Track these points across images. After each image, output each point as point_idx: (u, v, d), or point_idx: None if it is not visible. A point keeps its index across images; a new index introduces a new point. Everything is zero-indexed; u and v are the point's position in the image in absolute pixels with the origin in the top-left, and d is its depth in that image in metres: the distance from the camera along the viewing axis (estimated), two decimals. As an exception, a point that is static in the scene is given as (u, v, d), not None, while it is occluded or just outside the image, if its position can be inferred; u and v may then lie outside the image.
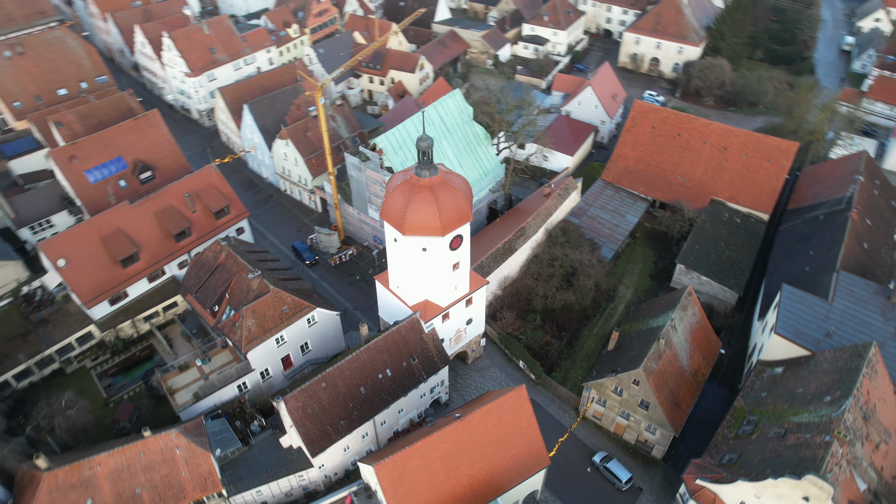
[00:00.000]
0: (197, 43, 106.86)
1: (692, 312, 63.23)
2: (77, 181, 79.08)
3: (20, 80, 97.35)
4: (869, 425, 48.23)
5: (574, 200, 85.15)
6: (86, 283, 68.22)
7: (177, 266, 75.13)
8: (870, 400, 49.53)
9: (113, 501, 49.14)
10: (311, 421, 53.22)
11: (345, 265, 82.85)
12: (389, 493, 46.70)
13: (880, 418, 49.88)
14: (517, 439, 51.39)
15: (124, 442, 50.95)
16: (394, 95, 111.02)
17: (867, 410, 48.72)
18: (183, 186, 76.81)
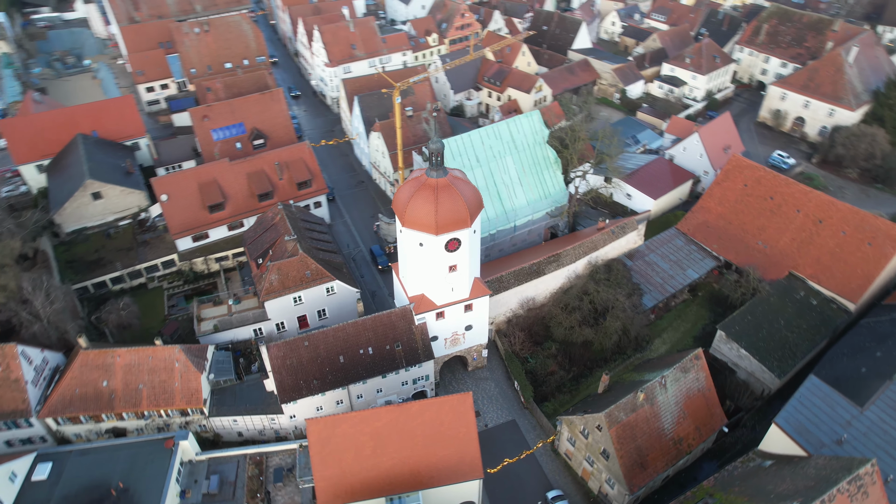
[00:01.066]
0: (341, 38, 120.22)
1: (695, 378, 58.71)
2: (204, 136, 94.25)
3: (200, 52, 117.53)
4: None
5: (633, 241, 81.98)
6: (178, 219, 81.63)
7: (254, 221, 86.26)
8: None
9: (121, 388, 59.53)
10: (288, 372, 59.29)
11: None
12: (315, 449, 50.90)
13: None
14: (452, 442, 52.53)
15: (140, 345, 61.31)
16: (505, 112, 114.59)
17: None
18: (276, 156, 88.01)
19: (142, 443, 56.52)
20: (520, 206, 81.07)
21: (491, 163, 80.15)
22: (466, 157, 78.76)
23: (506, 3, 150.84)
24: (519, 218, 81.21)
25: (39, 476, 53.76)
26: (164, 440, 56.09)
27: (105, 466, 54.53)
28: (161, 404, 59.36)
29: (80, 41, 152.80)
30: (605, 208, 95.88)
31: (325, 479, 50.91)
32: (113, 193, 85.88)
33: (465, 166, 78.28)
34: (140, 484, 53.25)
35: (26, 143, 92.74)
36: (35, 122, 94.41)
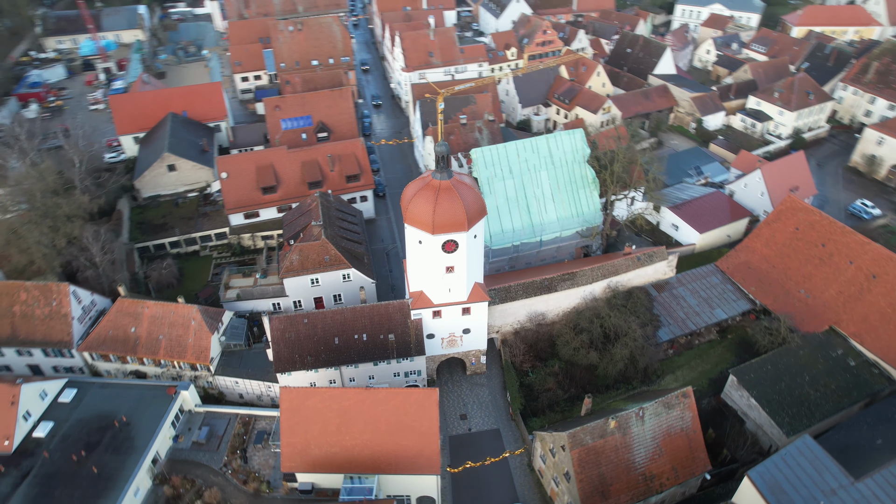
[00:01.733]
0: (420, 45, 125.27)
1: (679, 416, 56.22)
2: (273, 125, 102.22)
3: (291, 48, 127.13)
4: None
5: (662, 272, 79.07)
6: (233, 196, 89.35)
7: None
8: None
9: (145, 336, 66.70)
10: (285, 344, 63.64)
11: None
12: (286, 416, 54.55)
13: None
14: (413, 433, 54.12)
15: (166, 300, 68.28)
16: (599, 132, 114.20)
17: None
18: (331, 148, 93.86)
19: (150, 386, 63.18)
20: (548, 222, 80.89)
21: (524, 175, 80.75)
22: (499, 167, 79.98)
23: (595, 23, 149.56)
24: (546, 233, 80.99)
25: (64, 399, 61.68)
26: (168, 387, 62.25)
27: (116, 401, 61.51)
28: (175, 356, 65.81)
29: (203, 33, 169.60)
30: (650, 236, 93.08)
31: (291, 445, 54.38)
32: (186, 167, 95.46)
33: (496, 176, 79.56)
34: (140, 422, 59.58)
35: (128, 117, 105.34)
36: (137, 100, 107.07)
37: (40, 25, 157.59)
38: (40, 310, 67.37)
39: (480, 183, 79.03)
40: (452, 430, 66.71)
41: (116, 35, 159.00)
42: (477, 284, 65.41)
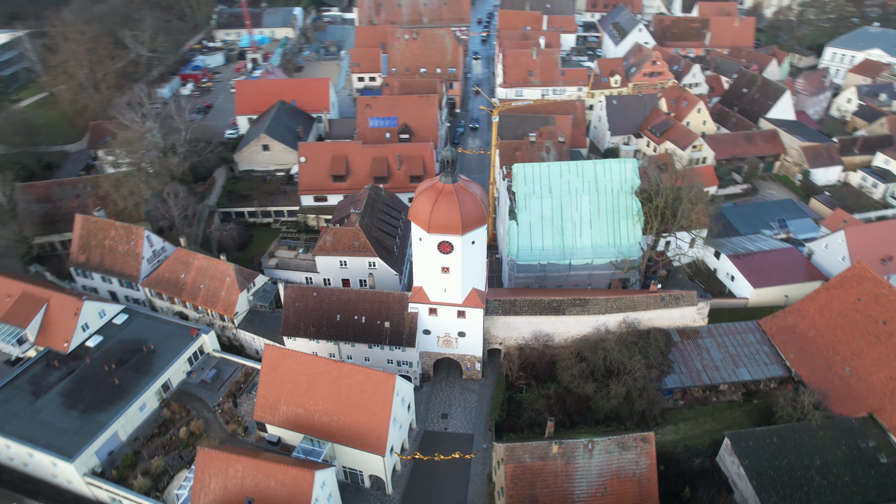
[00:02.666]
0: (521, 63, 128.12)
1: (634, 460, 53.69)
2: (362, 121, 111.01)
3: (404, 55, 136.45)
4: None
5: (690, 318, 74.41)
6: (307, 179, 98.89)
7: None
8: None
9: (190, 283, 77.08)
10: (294, 312, 70.22)
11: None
12: (265, 370, 60.71)
13: None
14: (366, 412, 57.53)
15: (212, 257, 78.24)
16: (654, 163, 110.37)
17: None
18: (401, 149, 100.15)
19: (179, 325, 73.07)
20: (581, 247, 79.77)
21: (563, 197, 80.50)
22: (539, 185, 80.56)
23: (717, 59, 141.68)
24: (576, 258, 79.93)
25: (117, 321, 73.44)
26: (191, 329, 71.63)
27: (151, 332, 72.02)
28: (209, 304, 75.31)
29: (345, 36, 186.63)
30: (704, 283, 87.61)
31: (264, 398, 60.42)
32: (278, 149, 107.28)
33: (534, 194, 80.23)
34: (162, 352, 69.36)
35: (247, 101, 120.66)
36: (257, 86, 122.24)
37: (215, 20, 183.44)
38: (122, 246, 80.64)
39: (517, 198, 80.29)
40: (430, 425, 68.85)
41: (272, 31, 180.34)
42: (475, 290, 67.16)
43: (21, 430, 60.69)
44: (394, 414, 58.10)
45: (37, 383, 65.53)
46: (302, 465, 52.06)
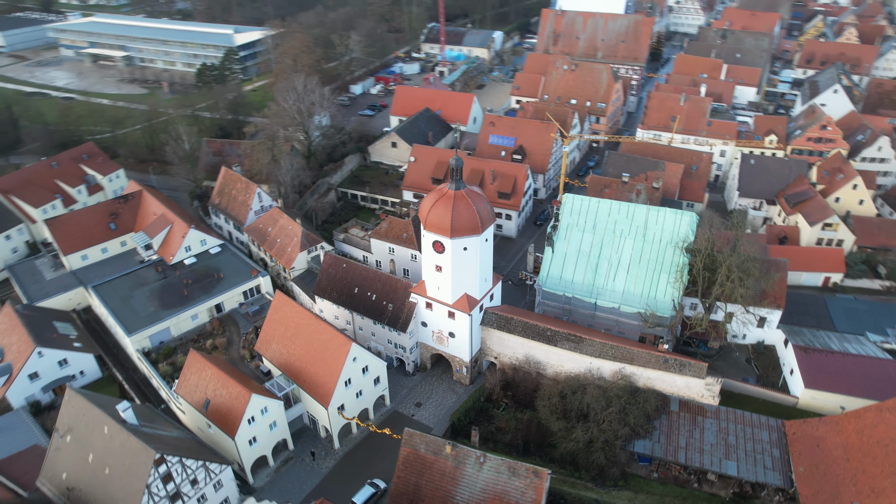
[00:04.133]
0: (665, 107, 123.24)
1: (521, 490, 52.95)
2: (483, 137, 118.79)
3: (559, 84, 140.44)
4: None
5: (697, 392, 67.27)
6: (411, 177, 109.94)
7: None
8: None
9: (272, 236, 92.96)
10: (326, 276, 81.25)
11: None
12: (271, 312, 72.47)
13: None
14: (323, 366, 65.56)
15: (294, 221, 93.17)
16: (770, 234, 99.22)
17: None
18: (497, 166, 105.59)
19: (247, 264, 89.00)
20: (610, 290, 77.20)
21: (606, 236, 78.70)
22: (584, 218, 79.94)
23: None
24: (602, 299, 77.47)
25: (212, 251, 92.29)
26: (252, 270, 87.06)
27: (228, 266, 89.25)
28: (278, 256, 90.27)
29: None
30: (761, 368, 77.64)
31: (265, 334, 72.28)
32: (403, 147, 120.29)
33: (576, 226, 79.93)
34: (227, 282, 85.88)
35: (402, 104, 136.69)
36: (413, 93, 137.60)
37: (425, 34, 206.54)
38: (241, 197, 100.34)
39: (560, 227, 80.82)
40: (403, 409, 73.94)
41: (469, 50, 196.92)
42: (466, 295, 70.60)
43: (116, 305, 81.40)
44: (346, 376, 65.11)
45: (141, 279, 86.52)
46: (249, 386, 62.08)
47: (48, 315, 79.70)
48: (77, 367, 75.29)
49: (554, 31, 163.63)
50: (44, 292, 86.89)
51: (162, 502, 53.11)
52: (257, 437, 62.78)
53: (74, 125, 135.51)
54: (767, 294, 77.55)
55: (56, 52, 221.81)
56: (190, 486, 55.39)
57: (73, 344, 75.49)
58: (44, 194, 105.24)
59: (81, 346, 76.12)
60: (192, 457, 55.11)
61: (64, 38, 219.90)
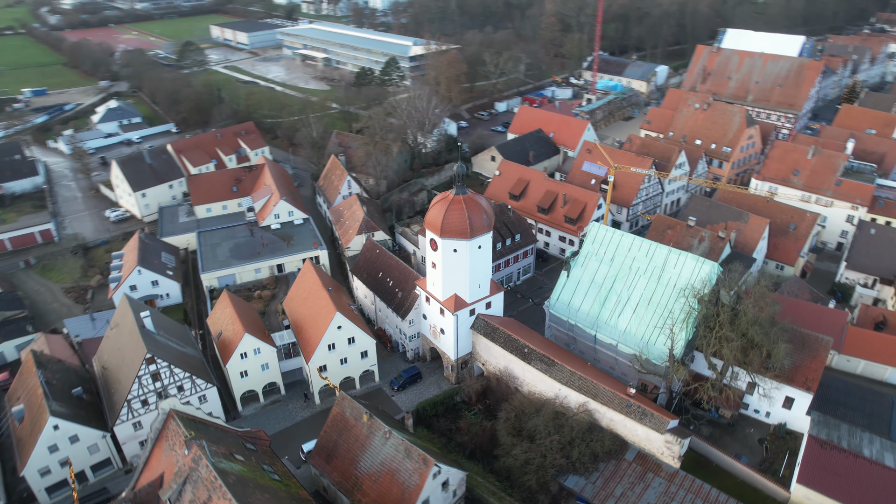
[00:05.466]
0: (788, 158, 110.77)
1: (409, 471, 56.02)
2: (579, 164, 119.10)
3: (687, 122, 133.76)
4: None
5: (657, 448, 62.57)
6: (493, 189, 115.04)
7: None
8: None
9: (344, 218, 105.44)
10: (363, 258, 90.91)
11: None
12: (299, 276, 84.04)
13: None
14: (313, 329, 74.88)
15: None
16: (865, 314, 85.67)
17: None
18: (571, 191, 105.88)
19: (315, 237, 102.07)
20: (612, 327, 74.57)
21: (622, 271, 76.13)
22: (604, 249, 78.17)
23: None
24: (602, 334, 75.15)
25: (296, 222, 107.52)
26: (314, 242, 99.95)
27: (301, 235, 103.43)
28: (342, 235, 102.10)
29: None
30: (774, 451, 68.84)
31: (291, 293, 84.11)
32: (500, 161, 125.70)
33: (595, 255, 78.50)
34: (293, 247, 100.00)
35: (520, 123, 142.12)
36: (533, 114, 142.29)
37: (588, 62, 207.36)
38: (336, 182, 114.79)
39: (580, 254, 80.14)
40: (387, 388, 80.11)
41: (628, 81, 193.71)
42: (456, 296, 74.48)
43: (205, 249, 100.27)
44: (330, 340, 73.53)
45: (233, 233, 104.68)
46: (248, 328, 73.41)
47: (160, 246, 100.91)
48: (165, 289, 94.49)
49: (704, 68, 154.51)
50: (170, 230, 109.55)
51: (150, 395, 66.69)
52: (248, 372, 74.13)
53: (253, 107, 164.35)
54: (799, 371, 68.65)
55: (280, 51, 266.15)
56: (176, 391, 68.37)
57: (166, 271, 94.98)
58: (203, 157, 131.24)
59: (171, 275, 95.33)
60: (182, 367, 68.02)
61: (287, 41, 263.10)
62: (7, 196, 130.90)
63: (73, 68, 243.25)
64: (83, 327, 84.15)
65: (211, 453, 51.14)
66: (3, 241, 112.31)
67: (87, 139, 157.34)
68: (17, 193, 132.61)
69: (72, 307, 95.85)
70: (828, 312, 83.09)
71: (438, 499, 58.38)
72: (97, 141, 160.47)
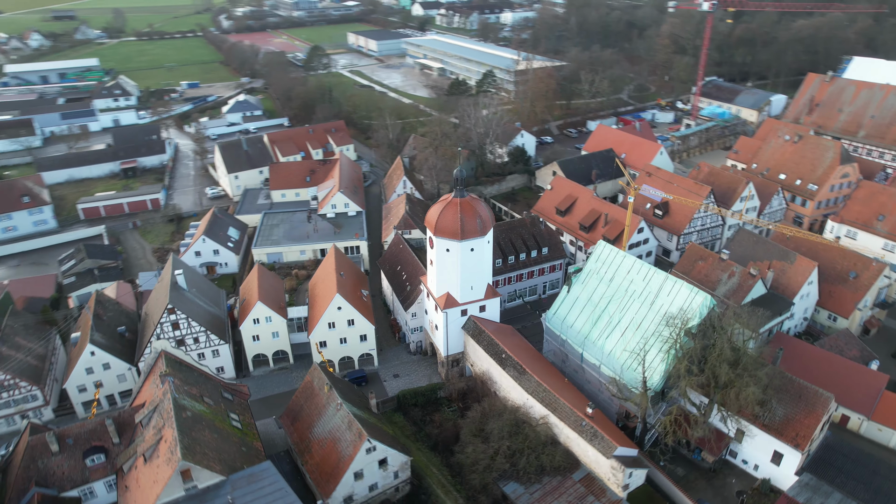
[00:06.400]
0: (874, 201, 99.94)
1: (348, 443, 60.60)
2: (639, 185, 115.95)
3: (775, 153, 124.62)
4: None
5: (604, 472, 60.94)
6: (542, 204, 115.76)
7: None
8: None
9: (384, 216, 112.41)
10: (389, 251, 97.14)
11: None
12: (324, 261, 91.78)
13: None
14: (319, 307, 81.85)
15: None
16: None
17: None
18: (613, 212, 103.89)
19: (360, 229, 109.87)
20: (599, 347, 73.26)
21: (618, 292, 74.60)
22: (605, 269, 77.01)
23: None
24: (588, 353, 74.11)
25: (350, 213, 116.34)
26: (356, 233, 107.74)
27: (350, 225, 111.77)
28: (384, 229, 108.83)
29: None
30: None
31: (316, 274, 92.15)
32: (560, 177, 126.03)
33: (596, 274, 77.61)
34: (339, 235, 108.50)
35: (595, 141, 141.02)
36: (608, 133, 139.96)
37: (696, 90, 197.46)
38: (395, 181, 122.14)
39: (582, 271, 79.59)
40: (382, 372, 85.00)
41: (738, 109, 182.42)
42: (448, 294, 77.62)
43: (263, 229, 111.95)
44: (330, 318, 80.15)
45: (292, 217, 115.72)
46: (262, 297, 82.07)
47: (230, 222, 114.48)
48: (224, 259, 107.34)
49: (812, 98, 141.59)
50: (246, 209, 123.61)
51: (170, 341, 77.48)
52: (260, 337, 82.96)
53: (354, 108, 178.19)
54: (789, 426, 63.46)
55: (403, 59, 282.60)
56: (192, 341, 78.78)
57: (227, 244, 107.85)
58: (292, 149, 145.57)
59: (232, 247, 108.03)
60: (199, 322, 78.29)
61: (410, 50, 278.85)
62: (139, 169, 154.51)
63: (227, 66, 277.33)
64: (150, 281, 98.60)
65: (176, 390, 59.53)
66: (123, 204, 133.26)
67: (211, 127, 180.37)
68: (147, 167, 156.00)
69: (153, 265, 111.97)
70: (865, 373, 75.09)
71: (375, 475, 62.20)
72: (221, 129, 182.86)
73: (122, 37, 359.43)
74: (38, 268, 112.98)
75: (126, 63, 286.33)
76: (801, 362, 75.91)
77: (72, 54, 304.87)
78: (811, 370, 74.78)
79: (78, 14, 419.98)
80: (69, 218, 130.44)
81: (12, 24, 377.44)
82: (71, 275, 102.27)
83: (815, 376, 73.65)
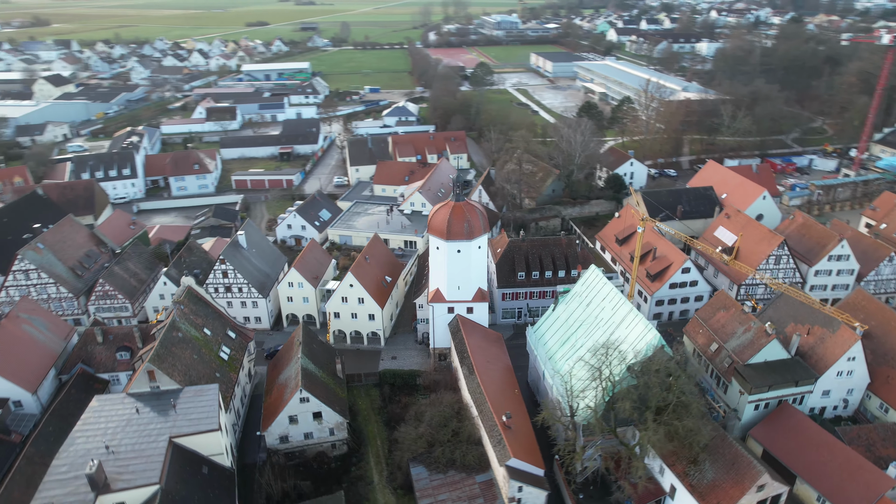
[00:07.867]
0: None
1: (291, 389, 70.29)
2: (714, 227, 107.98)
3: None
4: None
5: (501, 477, 62.01)
6: (608, 230, 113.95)
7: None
8: None
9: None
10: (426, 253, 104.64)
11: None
12: (367, 246, 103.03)
13: None
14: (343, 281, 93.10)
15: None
16: None
17: None
18: (663, 247, 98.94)
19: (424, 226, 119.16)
20: (557, 367, 72.90)
21: (589, 318, 73.37)
22: (589, 292, 76.09)
23: None
24: (549, 373, 73.99)
25: (424, 212, 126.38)
26: (415, 230, 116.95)
27: (418, 222, 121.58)
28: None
29: None
30: None
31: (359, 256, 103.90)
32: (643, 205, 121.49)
33: (579, 297, 77.08)
34: (406, 230, 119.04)
35: (700, 178, 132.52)
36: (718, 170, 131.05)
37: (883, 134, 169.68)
38: (476, 188, 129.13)
39: (569, 293, 79.36)
40: (384, 353, 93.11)
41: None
42: (438, 290, 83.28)
43: (345, 214, 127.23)
44: (343, 293, 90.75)
45: (373, 209, 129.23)
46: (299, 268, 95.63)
47: (325, 205, 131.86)
48: (310, 234, 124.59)
49: None
50: (348, 197, 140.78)
51: (220, 284, 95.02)
52: (293, 299, 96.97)
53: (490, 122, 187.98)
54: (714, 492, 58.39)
55: (573, 81, 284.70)
56: (237, 290, 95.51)
57: (314, 222, 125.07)
58: (410, 151, 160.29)
59: (318, 225, 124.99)
60: (243, 275, 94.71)
61: (581, 73, 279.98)
62: (294, 154, 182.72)
63: (411, 75, 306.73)
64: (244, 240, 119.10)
65: (181, 315, 75.05)
66: (265, 181, 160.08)
67: (366, 127, 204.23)
68: (300, 154, 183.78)
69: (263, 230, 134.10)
70: (870, 472, 63.90)
71: (310, 425, 71.00)
72: (374, 129, 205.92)
73: (342, 46, 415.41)
74: (188, 219, 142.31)
75: (334, 67, 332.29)
76: (796, 442, 67.32)
77: (299, 58, 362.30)
78: (804, 453, 66.29)
79: (319, 26, 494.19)
80: (225, 186, 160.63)
81: (271, 33, 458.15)
82: (198, 228, 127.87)
83: (805, 461, 65.60)
